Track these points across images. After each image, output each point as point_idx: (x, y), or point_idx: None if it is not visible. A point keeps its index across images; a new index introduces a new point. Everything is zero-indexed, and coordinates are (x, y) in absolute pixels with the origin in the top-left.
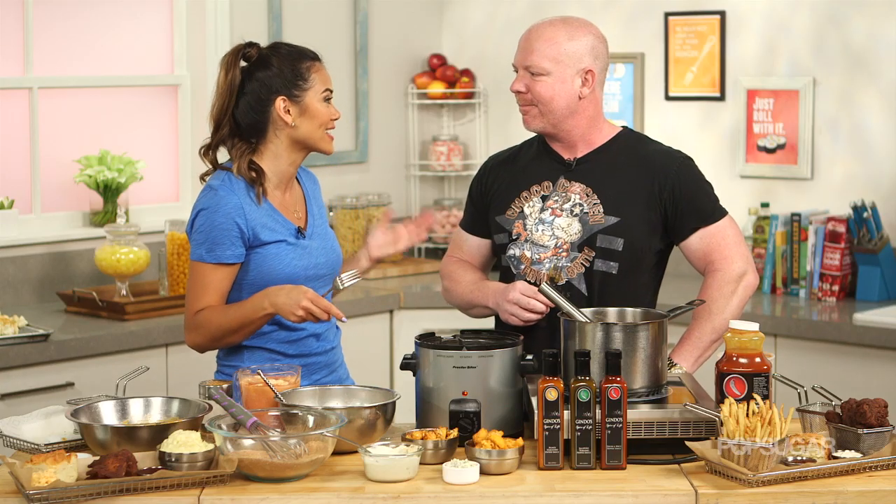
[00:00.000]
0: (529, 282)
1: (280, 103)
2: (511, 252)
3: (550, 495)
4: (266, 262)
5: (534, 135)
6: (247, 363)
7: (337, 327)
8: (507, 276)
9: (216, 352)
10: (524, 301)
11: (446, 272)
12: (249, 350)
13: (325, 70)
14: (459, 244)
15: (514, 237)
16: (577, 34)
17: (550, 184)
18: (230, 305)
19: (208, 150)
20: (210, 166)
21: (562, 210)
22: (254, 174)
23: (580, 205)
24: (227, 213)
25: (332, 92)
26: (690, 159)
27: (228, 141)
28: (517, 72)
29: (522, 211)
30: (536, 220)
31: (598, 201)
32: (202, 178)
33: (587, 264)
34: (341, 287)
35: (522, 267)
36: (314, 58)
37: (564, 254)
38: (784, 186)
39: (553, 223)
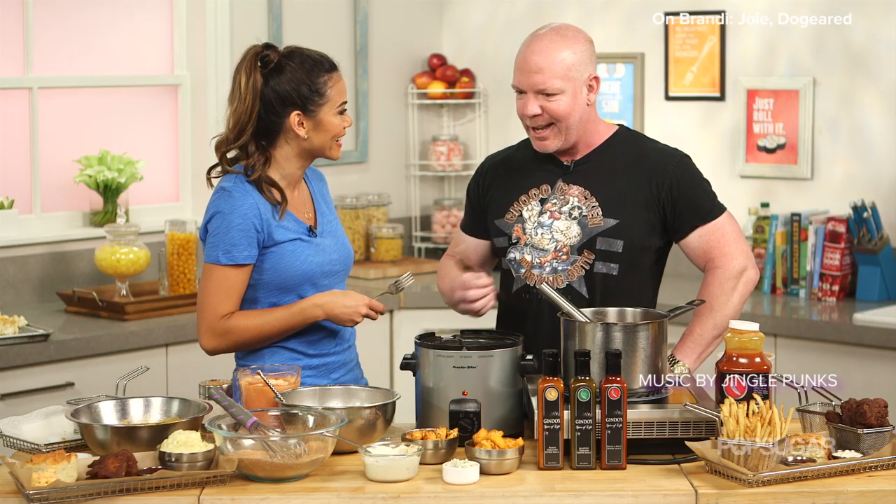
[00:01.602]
0: (529, 285)
1: (294, 117)
2: (511, 255)
3: (550, 495)
4: (283, 260)
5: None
6: (268, 360)
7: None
8: (508, 279)
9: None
10: (469, 295)
11: (439, 271)
12: (270, 350)
13: (342, 81)
14: (457, 243)
15: (513, 241)
16: (575, 45)
17: (549, 187)
18: (265, 311)
19: (226, 149)
20: (225, 165)
21: (560, 213)
22: (275, 191)
23: (578, 208)
24: (243, 213)
25: (346, 103)
26: (688, 157)
27: (251, 144)
28: (520, 93)
29: (521, 215)
30: (535, 224)
31: (597, 203)
32: (209, 177)
33: (587, 267)
34: (402, 289)
35: (523, 271)
36: (331, 69)
37: (564, 257)
38: (784, 186)
39: (552, 226)
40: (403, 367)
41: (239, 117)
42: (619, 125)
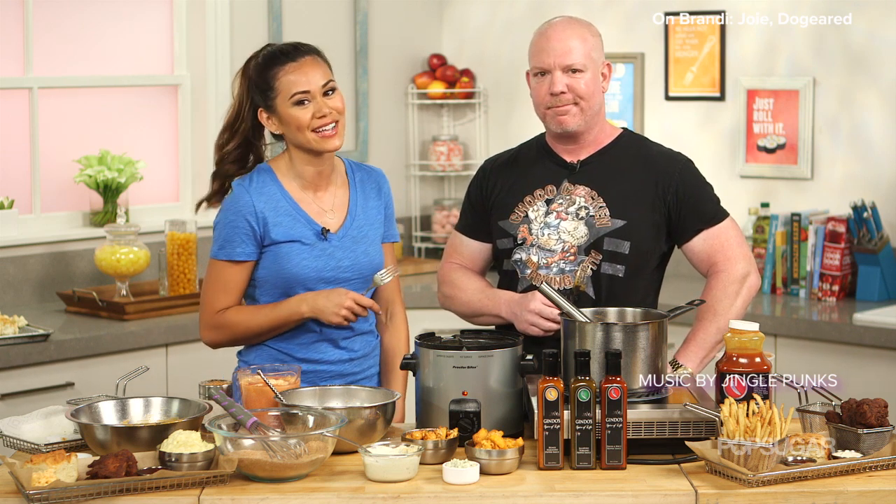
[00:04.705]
0: (535, 285)
1: (262, 114)
2: (517, 256)
3: (550, 495)
4: (278, 260)
5: (531, 137)
6: (254, 359)
7: (376, 335)
8: (511, 281)
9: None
10: (546, 311)
11: (448, 279)
12: (258, 349)
13: (304, 69)
14: (458, 248)
15: (518, 241)
16: (591, 30)
17: (554, 187)
18: (260, 307)
19: (223, 151)
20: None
21: (567, 213)
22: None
23: (586, 208)
24: (237, 210)
25: (306, 93)
26: (691, 161)
27: (240, 143)
28: (543, 75)
29: (527, 215)
30: (542, 225)
31: (604, 204)
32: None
33: (594, 268)
34: (381, 283)
35: (528, 271)
36: (285, 60)
37: (571, 257)
38: (784, 186)
39: (559, 227)
40: (403, 367)
41: (228, 119)
42: (623, 128)
